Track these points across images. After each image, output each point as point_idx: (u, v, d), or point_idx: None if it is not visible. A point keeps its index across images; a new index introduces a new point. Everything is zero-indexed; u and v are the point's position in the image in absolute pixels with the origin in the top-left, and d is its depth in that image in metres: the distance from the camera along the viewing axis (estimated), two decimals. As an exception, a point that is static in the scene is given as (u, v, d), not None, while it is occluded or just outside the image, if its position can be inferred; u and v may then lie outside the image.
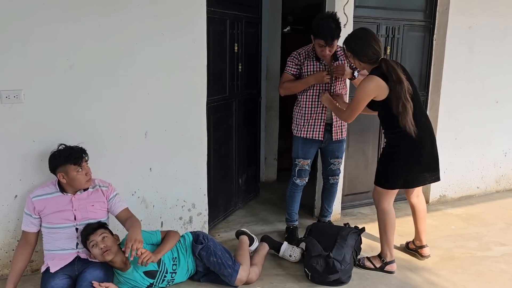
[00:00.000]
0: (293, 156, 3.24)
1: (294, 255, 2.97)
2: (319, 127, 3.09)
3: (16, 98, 2.53)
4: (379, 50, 2.60)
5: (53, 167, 2.46)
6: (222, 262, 2.60)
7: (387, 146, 2.79)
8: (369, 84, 2.58)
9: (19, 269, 2.48)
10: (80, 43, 2.62)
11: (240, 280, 2.63)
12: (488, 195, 4.36)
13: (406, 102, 2.53)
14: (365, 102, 2.63)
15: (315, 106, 3.08)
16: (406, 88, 2.54)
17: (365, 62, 2.65)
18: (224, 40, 3.34)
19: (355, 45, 2.65)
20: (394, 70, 2.54)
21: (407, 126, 2.56)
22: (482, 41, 3.96)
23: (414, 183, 2.81)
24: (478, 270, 2.93)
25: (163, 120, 2.94)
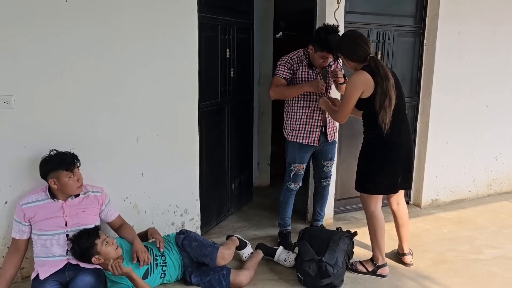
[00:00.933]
0: (288, 161, 3.24)
1: (289, 260, 2.96)
2: (315, 132, 3.10)
3: (7, 103, 2.52)
4: (368, 49, 2.66)
5: (45, 173, 2.45)
6: (203, 244, 2.72)
7: (362, 148, 2.81)
8: (357, 78, 2.63)
9: (9, 276, 2.46)
10: (71, 49, 2.62)
11: (222, 257, 2.68)
12: (479, 198, 4.38)
13: (392, 98, 2.56)
14: (354, 97, 2.66)
15: (311, 112, 3.08)
16: (392, 84, 2.58)
17: (356, 61, 2.71)
18: (216, 45, 3.35)
19: (345, 46, 2.72)
20: (382, 67, 2.60)
21: (384, 123, 2.59)
22: (472, 46, 4.00)
23: (390, 189, 2.83)
24: (470, 273, 2.94)
25: (155, 125, 2.94)
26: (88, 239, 2.38)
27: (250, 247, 3.05)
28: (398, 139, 2.70)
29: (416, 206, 4.14)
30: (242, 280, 2.70)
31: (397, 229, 3.04)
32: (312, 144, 3.11)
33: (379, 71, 2.58)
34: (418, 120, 4.04)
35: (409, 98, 3.95)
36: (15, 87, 2.53)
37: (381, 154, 2.71)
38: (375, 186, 2.78)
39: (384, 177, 2.74)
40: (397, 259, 3.06)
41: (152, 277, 2.62)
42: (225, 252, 2.73)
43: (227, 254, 2.74)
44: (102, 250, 2.41)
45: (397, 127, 2.66)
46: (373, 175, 2.76)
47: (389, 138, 2.64)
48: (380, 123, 2.60)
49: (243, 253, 2.99)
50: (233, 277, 2.67)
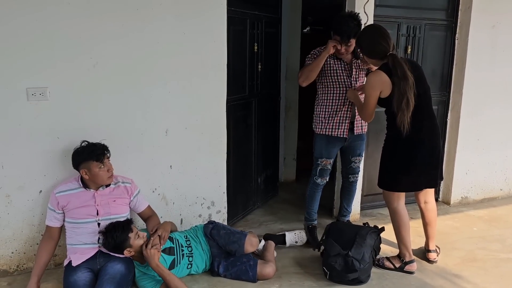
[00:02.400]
0: (315, 155, 3.23)
1: (299, 240, 3.12)
2: (344, 124, 3.08)
3: (42, 95, 2.60)
4: (388, 46, 2.61)
5: (76, 164, 2.52)
6: (231, 231, 2.81)
7: (384, 145, 2.79)
8: (373, 78, 2.62)
9: (43, 262, 2.54)
10: (104, 42, 2.68)
11: (250, 243, 2.74)
12: (511, 197, 4.26)
13: (410, 98, 2.51)
14: (373, 97, 2.64)
15: (340, 104, 3.07)
16: (411, 85, 2.52)
17: (375, 58, 2.68)
18: (244, 39, 3.37)
19: (364, 43, 2.70)
20: (400, 66, 2.53)
21: (402, 125, 2.54)
22: (506, 40, 3.88)
23: (412, 186, 2.79)
24: (501, 272, 2.88)
25: (184, 118, 2.97)
26: (122, 233, 2.42)
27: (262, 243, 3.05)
28: (420, 137, 2.64)
29: (445, 204, 4.06)
30: (270, 271, 2.72)
31: (424, 227, 3.00)
32: (341, 135, 3.09)
33: (396, 71, 2.53)
34: (449, 116, 3.95)
35: (439, 93, 3.88)
36: (50, 79, 2.61)
37: (401, 152, 2.67)
38: (396, 184, 2.76)
39: (405, 175, 2.71)
40: (423, 256, 3.02)
41: (179, 267, 2.66)
42: (253, 239, 2.78)
43: (255, 241, 2.79)
44: (134, 243, 2.46)
45: (418, 125, 2.61)
46: (393, 173, 2.74)
47: (409, 135, 2.59)
48: (399, 124, 2.56)
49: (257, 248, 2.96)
50: (260, 268, 2.70)
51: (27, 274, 2.75)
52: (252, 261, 2.72)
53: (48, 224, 2.58)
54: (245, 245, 2.71)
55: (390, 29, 3.55)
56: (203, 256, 2.76)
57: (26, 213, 2.72)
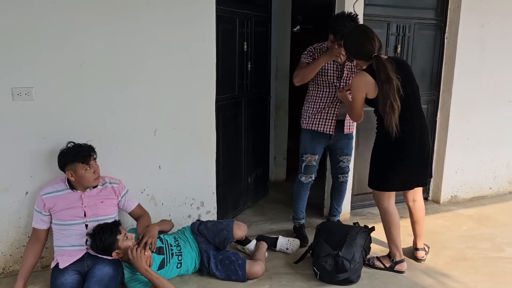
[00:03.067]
0: (300, 151, 3.23)
1: (291, 248, 3.04)
2: (331, 121, 3.08)
3: (28, 95, 2.56)
4: (372, 48, 2.59)
5: (62, 165, 2.48)
6: (218, 222, 2.88)
7: (374, 145, 2.79)
8: (357, 79, 2.63)
9: (30, 265, 2.50)
10: (90, 41, 2.64)
11: (238, 227, 2.81)
12: (500, 196, 4.29)
13: (394, 102, 2.50)
14: (359, 99, 2.65)
15: (329, 102, 3.07)
16: (395, 87, 2.50)
17: (360, 59, 2.69)
18: (234, 38, 3.34)
19: (349, 44, 2.70)
20: (383, 69, 2.51)
21: (390, 127, 2.54)
22: (495, 39, 3.91)
23: (403, 186, 2.80)
24: (490, 271, 2.89)
25: (172, 118, 2.95)
26: (110, 235, 2.39)
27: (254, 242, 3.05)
28: (411, 136, 2.64)
29: (435, 203, 4.08)
30: (258, 270, 2.72)
31: (412, 225, 3.01)
32: (327, 132, 3.09)
33: (379, 74, 2.52)
34: (438, 115, 3.97)
35: (428, 92, 3.89)
36: (36, 79, 2.56)
37: (391, 152, 2.67)
38: (386, 183, 2.76)
39: (396, 174, 2.71)
40: (413, 255, 3.02)
41: (169, 267, 2.64)
42: (241, 224, 2.87)
43: (243, 226, 2.86)
44: (122, 245, 2.43)
45: (408, 124, 2.61)
46: (384, 173, 2.73)
47: (400, 135, 2.58)
48: (387, 126, 2.56)
49: (247, 248, 3.00)
50: (248, 267, 2.69)
51: (13, 277, 2.70)
52: (241, 260, 2.71)
53: (34, 226, 2.54)
54: (234, 229, 2.77)
55: (380, 28, 3.57)
56: (192, 254, 2.74)
57: (12, 215, 2.67)
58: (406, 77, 2.61)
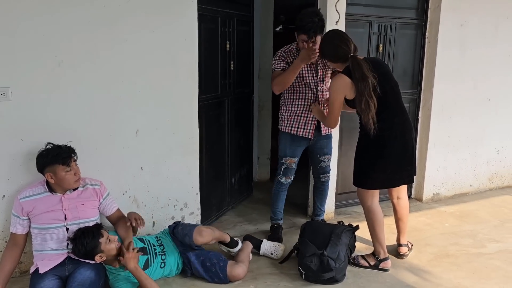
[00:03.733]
0: (279, 154, 3.21)
1: (275, 253, 2.95)
2: (310, 125, 3.07)
3: (3, 95, 2.48)
4: (348, 49, 2.64)
5: (41, 167, 2.41)
6: (185, 226, 2.74)
7: (357, 144, 2.81)
8: (336, 82, 2.66)
9: (8, 270, 2.43)
10: (69, 40, 2.58)
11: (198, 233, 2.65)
12: (481, 193, 4.36)
13: (369, 99, 2.54)
14: (338, 101, 2.67)
15: (307, 105, 3.06)
16: (370, 85, 2.54)
17: (338, 62, 2.72)
18: (216, 38, 3.31)
19: (325, 48, 2.74)
20: (358, 68, 2.56)
21: (368, 125, 2.57)
22: (474, 39, 3.97)
23: (387, 183, 2.82)
24: (473, 267, 2.92)
25: (154, 118, 2.90)
26: (93, 239, 2.33)
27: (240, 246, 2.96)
28: (391, 134, 2.66)
29: (418, 200, 4.12)
30: (239, 272, 2.68)
31: (396, 222, 3.04)
32: (306, 136, 3.08)
33: (354, 73, 2.56)
34: (420, 113, 4.01)
35: (410, 91, 3.93)
36: (12, 79, 2.49)
37: (373, 150, 2.70)
38: (370, 181, 2.77)
39: (379, 172, 2.72)
40: (397, 252, 3.04)
41: (153, 267, 2.60)
42: (203, 229, 2.70)
43: (205, 232, 2.69)
44: (105, 248, 2.38)
45: (389, 122, 2.64)
46: (367, 171, 2.75)
47: (379, 133, 2.61)
48: (364, 124, 2.59)
49: (232, 251, 2.92)
50: (229, 269, 2.65)
51: (-10, 283, 2.62)
52: (222, 262, 2.67)
53: (12, 231, 2.46)
54: (193, 235, 2.63)
55: (362, 27, 3.59)
56: (175, 255, 2.70)
57: (-12, 219, 2.59)
58: (383, 75, 2.64)
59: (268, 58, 4.34)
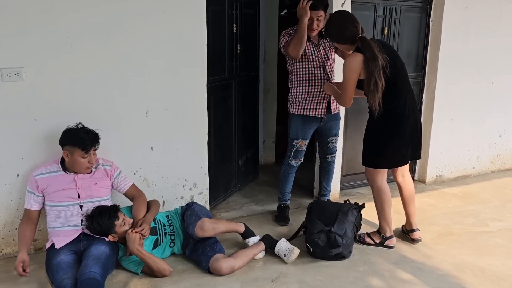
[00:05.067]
0: (290, 137, 3.25)
1: (288, 255, 2.72)
2: (322, 104, 3.12)
3: (17, 76, 2.53)
4: (356, 30, 2.64)
5: (62, 143, 2.47)
6: (193, 214, 2.68)
7: (369, 123, 2.81)
8: (352, 60, 2.63)
9: (28, 237, 2.45)
10: (80, 22, 2.61)
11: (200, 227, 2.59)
12: (483, 175, 4.41)
13: (378, 80, 2.54)
14: (352, 80, 2.66)
15: (317, 84, 3.10)
16: (380, 65, 2.54)
17: (346, 43, 2.72)
18: (223, 20, 3.34)
19: (332, 30, 2.74)
20: (369, 48, 2.56)
21: (373, 105, 2.59)
22: (478, 22, 3.98)
23: (400, 161, 2.83)
24: (475, 244, 2.99)
25: (164, 99, 2.94)
26: (108, 219, 2.40)
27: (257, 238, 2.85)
28: (405, 111, 2.70)
29: (421, 182, 4.18)
30: (221, 267, 2.54)
31: (404, 205, 2.99)
32: (319, 115, 3.13)
33: (365, 53, 2.57)
34: (424, 96, 4.05)
35: (414, 74, 3.97)
36: (25, 59, 2.54)
37: (388, 128, 2.71)
38: (384, 160, 2.80)
39: (394, 150, 2.75)
40: (401, 235, 3.06)
41: (162, 246, 2.67)
42: (205, 223, 2.61)
43: (206, 226, 2.61)
44: (119, 230, 2.45)
45: (402, 99, 2.68)
46: (382, 150, 2.77)
47: (395, 111, 2.65)
48: (370, 105, 2.62)
49: (249, 242, 2.82)
50: (212, 261, 2.57)
51: (6, 260, 2.69)
52: (211, 252, 2.61)
53: (27, 207, 2.51)
54: (195, 229, 2.60)
55: (367, 10, 3.62)
56: (181, 235, 2.76)
57: (3, 197, 2.65)
58: (391, 53, 2.67)
59: (273, 42, 4.37)
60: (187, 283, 2.51)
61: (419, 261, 2.77)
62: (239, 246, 2.88)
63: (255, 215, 3.45)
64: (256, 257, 2.76)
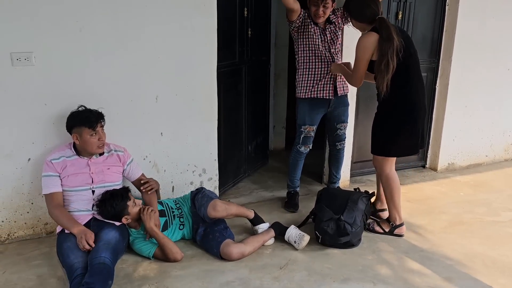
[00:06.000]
0: (298, 123, 3.23)
1: (298, 242, 2.71)
2: (328, 85, 3.08)
3: (27, 60, 2.52)
4: (377, 9, 2.62)
5: (69, 127, 2.48)
6: (204, 196, 2.73)
7: (378, 113, 2.78)
8: (366, 39, 2.60)
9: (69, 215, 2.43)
10: (90, 6, 2.59)
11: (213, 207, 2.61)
12: (496, 163, 4.35)
13: (390, 60, 2.51)
14: (365, 59, 2.63)
15: (323, 67, 3.07)
16: (394, 47, 2.51)
17: (363, 22, 2.68)
18: (234, 3, 3.29)
19: (353, 6, 2.70)
20: (387, 28, 2.54)
21: (381, 87, 2.56)
22: (496, 6, 3.87)
23: (410, 149, 2.81)
24: (487, 234, 2.96)
25: (174, 84, 2.92)
26: (121, 201, 2.43)
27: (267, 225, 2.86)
28: (416, 98, 2.69)
29: (432, 170, 4.13)
30: (231, 252, 2.56)
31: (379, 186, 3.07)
32: (327, 97, 3.09)
33: (381, 32, 2.54)
34: (437, 82, 3.97)
35: (428, 60, 3.89)
36: (35, 44, 2.53)
37: (401, 115, 2.68)
38: (396, 148, 2.77)
39: (406, 138, 2.73)
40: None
41: (171, 228, 2.69)
42: (218, 204, 2.64)
43: (219, 206, 2.64)
44: (132, 211, 2.48)
45: (414, 86, 2.66)
46: (393, 137, 2.74)
47: (407, 97, 2.63)
48: (377, 86, 2.59)
49: (258, 228, 2.83)
50: (223, 246, 2.58)
51: (18, 242, 2.74)
52: (221, 237, 2.62)
53: (51, 191, 2.44)
54: (208, 209, 2.61)
55: (382, -6, 3.52)
56: (189, 220, 2.77)
57: (15, 181, 2.68)
58: (406, 39, 2.64)
59: (284, 25, 4.25)
60: (196, 269, 2.52)
61: (428, 250, 2.75)
62: (248, 233, 2.89)
63: (264, 201, 3.44)
64: (266, 244, 2.76)
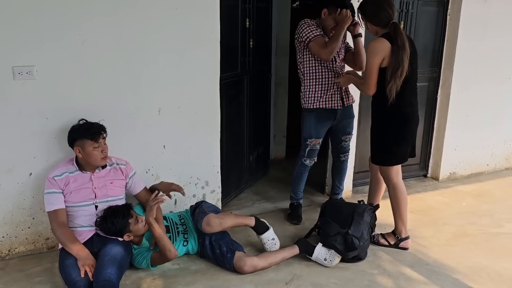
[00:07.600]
0: (304, 136, 3.18)
1: (330, 259, 2.64)
2: (336, 95, 3.07)
3: (29, 74, 2.49)
4: (392, 14, 2.63)
5: (71, 140, 2.45)
6: (201, 211, 2.69)
7: (375, 123, 2.81)
8: (377, 45, 2.60)
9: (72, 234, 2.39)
10: (92, 19, 2.56)
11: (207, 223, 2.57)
12: (497, 172, 4.35)
13: (404, 69, 2.54)
14: (376, 65, 2.61)
15: (332, 77, 3.04)
16: (407, 55, 2.54)
17: (378, 25, 2.69)
18: (236, 15, 3.27)
19: (368, 9, 2.71)
20: (401, 35, 2.57)
21: (390, 94, 2.57)
22: (497, 15, 3.88)
23: (403, 158, 2.83)
24: (491, 247, 2.95)
25: (177, 96, 2.89)
26: (123, 219, 2.40)
27: (272, 232, 2.78)
28: (412, 110, 2.73)
29: (434, 179, 4.12)
30: (244, 264, 2.54)
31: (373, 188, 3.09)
32: (335, 107, 3.07)
33: (397, 39, 2.54)
34: (439, 92, 3.97)
35: (430, 69, 3.89)
36: (37, 58, 2.50)
37: (396, 124, 2.72)
38: (391, 157, 2.79)
39: (401, 146, 2.76)
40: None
41: (175, 244, 2.64)
42: (211, 219, 2.59)
43: (213, 222, 2.58)
44: (134, 228, 2.44)
45: (413, 98, 2.72)
46: (391, 146, 2.76)
47: (403, 109, 2.67)
48: (387, 93, 2.59)
49: (263, 238, 2.74)
50: (235, 261, 2.56)
51: (19, 258, 2.70)
52: (230, 253, 2.59)
53: (54, 208, 2.39)
54: (202, 225, 2.60)
55: (384, 4, 3.52)
56: (194, 235, 2.74)
57: (16, 196, 2.63)
58: (413, 53, 2.66)
59: (285, 35, 4.29)
60: (200, 285, 2.49)
61: (434, 264, 2.73)
62: (253, 247, 2.86)
63: (267, 213, 3.41)
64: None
